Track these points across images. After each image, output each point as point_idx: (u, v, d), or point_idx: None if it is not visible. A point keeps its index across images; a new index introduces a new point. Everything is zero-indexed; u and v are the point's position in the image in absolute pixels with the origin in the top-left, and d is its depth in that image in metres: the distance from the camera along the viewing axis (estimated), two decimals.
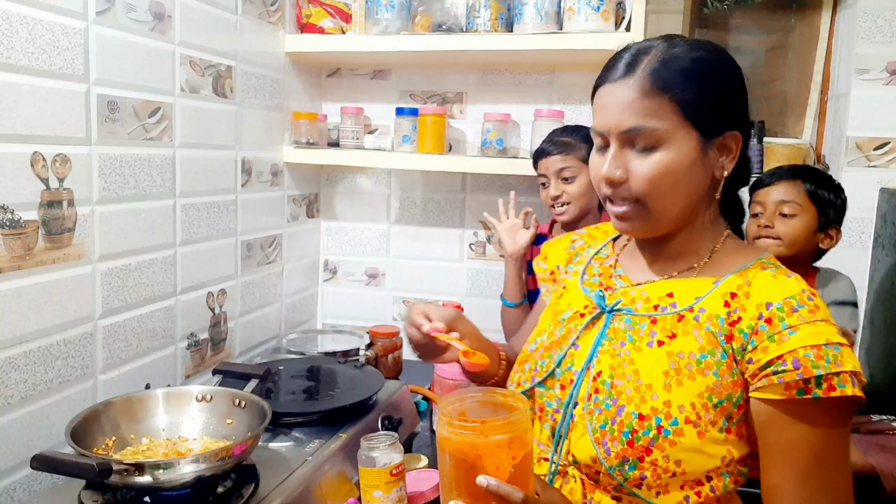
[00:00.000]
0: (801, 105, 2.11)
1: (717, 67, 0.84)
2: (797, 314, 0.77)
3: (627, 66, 0.83)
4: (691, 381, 0.80)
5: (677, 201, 0.84)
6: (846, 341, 0.77)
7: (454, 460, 0.76)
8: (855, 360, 0.76)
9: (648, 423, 0.80)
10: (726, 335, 0.81)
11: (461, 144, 2.08)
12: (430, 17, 1.83)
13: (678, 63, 0.82)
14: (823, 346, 0.75)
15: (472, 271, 2.13)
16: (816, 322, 0.77)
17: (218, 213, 1.61)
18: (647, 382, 0.82)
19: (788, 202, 1.52)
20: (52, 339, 1.15)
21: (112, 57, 1.24)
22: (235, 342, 1.72)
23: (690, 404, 0.80)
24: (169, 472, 0.93)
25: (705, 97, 0.82)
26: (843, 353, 0.75)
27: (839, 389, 0.74)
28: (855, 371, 0.75)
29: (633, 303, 0.90)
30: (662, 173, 0.82)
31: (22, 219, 1.07)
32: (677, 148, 0.81)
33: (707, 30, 2.15)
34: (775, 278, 0.82)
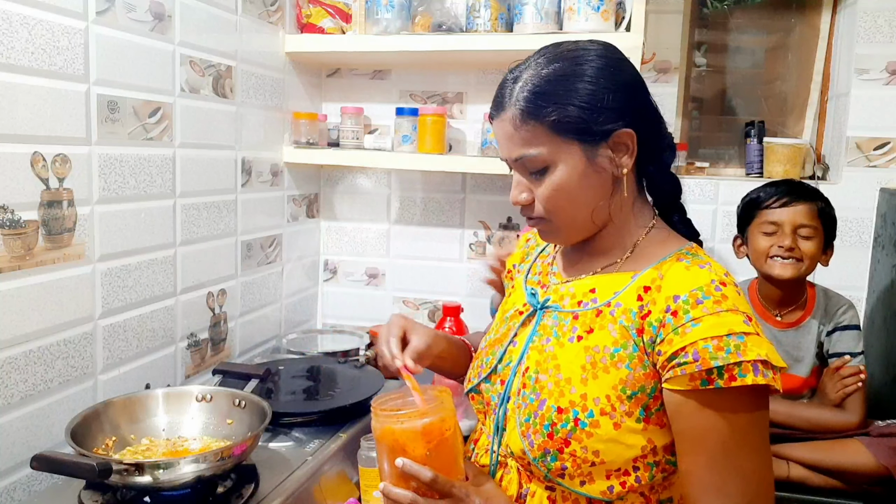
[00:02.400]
0: (801, 105, 2.11)
1: (577, 75, 0.83)
2: (701, 306, 0.78)
3: (500, 100, 0.88)
4: (606, 375, 0.83)
5: (579, 212, 0.87)
6: (751, 329, 0.76)
7: (380, 447, 0.86)
8: (762, 348, 0.75)
9: (566, 415, 0.83)
10: (637, 329, 0.82)
11: (461, 144, 2.08)
12: (430, 17, 1.83)
13: (538, 86, 0.84)
14: (725, 337, 0.75)
15: (472, 271, 2.13)
16: (720, 313, 0.77)
17: (218, 213, 1.61)
18: (566, 376, 0.85)
19: (807, 225, 1.53)
20: (52, 339, 1.15)
21: (112, 57, 1.24)
22: (235, 342, 1.72)
23: (605, 396, 0.82)
24: (169, 472, 0.93)
25: (572, 110, 0.82)
26: (747, 342, 0.75)
27: (740, 379, 0.75)
28: (760, 360, 0.75)
29: (562, 300, 0.92)
30: (556, 192, 0.85)
31: (22, 219, 1.07)
32: (563, 165, 0.84)
33: (707, 30, 2.15)
34: (688, 270, 0.82)
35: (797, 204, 1.54)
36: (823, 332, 1.58)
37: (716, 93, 2.18)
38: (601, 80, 0.83)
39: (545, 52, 0.87)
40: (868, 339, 1.82)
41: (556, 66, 0.84)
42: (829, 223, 1.55)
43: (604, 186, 0.86)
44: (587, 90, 0.82)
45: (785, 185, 1.59)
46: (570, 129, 0.83)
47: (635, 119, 0.85)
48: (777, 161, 1.99)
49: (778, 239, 1.54)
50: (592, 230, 0.90)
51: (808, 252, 1.52)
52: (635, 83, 0.87)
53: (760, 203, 1.58)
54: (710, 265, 0.82)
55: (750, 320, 0.77)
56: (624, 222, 0.90)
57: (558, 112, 0.82)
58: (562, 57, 0.85)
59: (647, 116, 0.87)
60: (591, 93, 0.82)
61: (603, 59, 0.85)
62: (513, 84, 0.86)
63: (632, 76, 0.87)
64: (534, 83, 0.84)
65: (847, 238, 1.86)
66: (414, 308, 2.19)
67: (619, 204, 0.89)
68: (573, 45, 0.87)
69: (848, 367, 1.52)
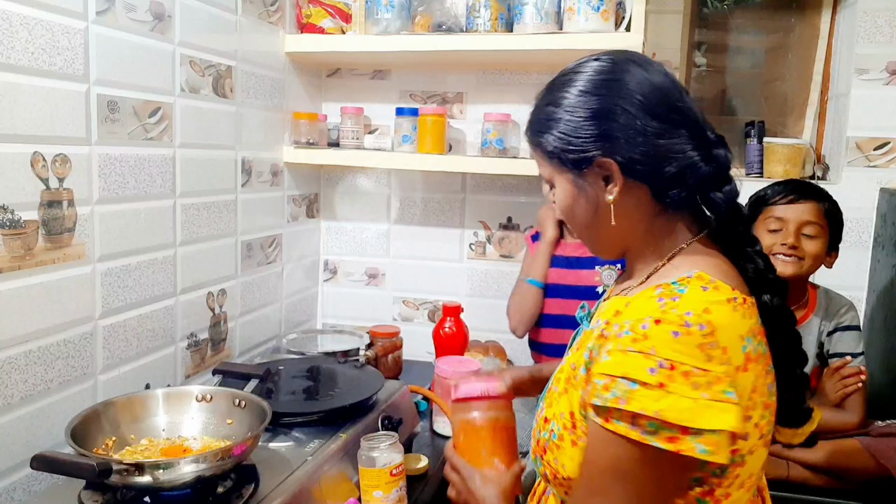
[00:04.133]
0: (801, 105, 2.11)
1: (556, 104, 0.85)
2: (619, 339, 0.73)
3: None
4: (574, 392, 0.82)
5: (583, 230, 0.90)
6: (654, 381, 0.69)
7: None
8: (655, 404, 0.68)
9: (547, 426, 0.86)
10: (591, 350, 0.81)
11: (461, 144, 2.08)
12: (430, 17, 1.83)
13: (532, 115, 0.90)
14: (618, 379, 0.71)
15: (472, 271, 2.13)
16: (629, 352, 0.71)
17: (218, 213, 1.61)
18: (559, 389, 0.87)
19: (812, 223, 1.52)
20: (52, 339, 1.15)
21: (112, 57, 1.24)
22: (235, 342, 1.72)
23: (569, 413, 0.82)
24: (169, 472, 0.93)
25: (552, 139, 0.85)
26: (637, 392, 0.69)
27: (614, 425, 0.71)
28: (644, 415, 0.69)
29: (594, 318, 0.93)
30: (560, 209, 0.90)
31: (22, 219, 1.07)
32: (560, 187, 0.88)
33: (707, 30, 2.15)
34: (648, 300, 0.76)
35: (803, 202, 1.53)
36: (824, 333, 1.58)
37: (716, 93, 2.18)
38: (577, 108, 0.83)
39: (548, 85, 0.91)
40: (868, 339, 1.82)
41: (545, 94, 0.89)
42: (836, 225, 1.54)
43: (595, 211, 0.85)
44: (563, 118, 0.84)
45: (793, 184, 1.59)
46: (556, 157, 0.86)
47: (619, 147, 0.81)
48: (777, 161, 1.99)
49: (782, 236, 1.53)
50: (611, 250, 0.91)
51: (810, 251, 1.52)
52: (622, 108, 0.81)
53: (767, 200, 1.58)
54: (676, 299, 0.74)
55: (672, 368, 0.69)
56: (640, 248, 0.88)
57: (544, 140, 0.86)
58: (552, 84, 0.89)
59: (637, 142, 0.81)
60: (565, 122, 0.84)
61: (588, 81, 0.84)
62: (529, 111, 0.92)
63: (620, 101, 0.81)
64: (531, 113, 0.90)
65: (847, 238, 1.85)
66: (414, 308, 2.19)
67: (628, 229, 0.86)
68: (569, 69, 0.88)
69: (848, 367, 1.52)
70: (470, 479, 0.97)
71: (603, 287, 1.67)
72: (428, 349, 1.91)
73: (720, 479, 0.76)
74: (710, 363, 0.70)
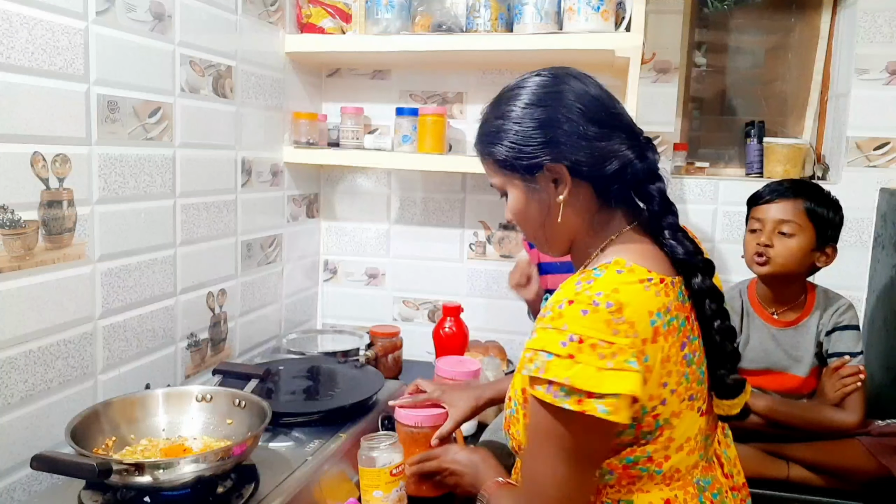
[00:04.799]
0: (801, 105, 2.11)
1: (504, 116, 0.93)
2: (542, 319, 0.84)
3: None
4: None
5: (535, 231, 0.98)
6: (564, 352, 0.79)
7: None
8: (568, 372, 0.79)
9: (510, 403, 0.97)
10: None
11: (461, 144, 2.08)
12: (430, 17, 1.83)
13: (481, 128, 0.98)
14: (538, 352, 0.81)
15: (472, 271, 2.13)
16: (547, 329, 0.82)
17: (218, 213, 1.61)
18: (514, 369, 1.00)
19: (788, 221, 1.52)
20: (52, 339, 1.15)
21: (112, 57, 1.24)
22: (235, 342, 1.72)
23: (522, 390, 0.92)
24: (169, 472, 0.93)
25: (502, 149, 0.93)
26: (552, 362, 0.80)
27: (536, 391, 0.82)
28: (557, 382, 0.79)
29: None
30: (512, 214, 0.99)
31: (22, 219, 1.07)
32: (511, 193, 0.97)
33: (707, 30, 2.15)
34: (567, 285, 0.86)
35: (780, 201, 1.53)
36: (822, 332, 1.58)
37: (716, 93, 2.18)
38: (524, 119, 0.92)
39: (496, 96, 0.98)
40: (868, 339, 1.82)
41: (492, 109, 0.97)
42: (821, 223, 1.52)
43: (547, 212, 0.95)
44: (512, 129, 0.92)
45: (775, 184, 1.59)
46: (507, 165, 0.94)
47: (566, 151, 0.90)
48: (777, 161, 1.99)
49: (758, 236, 1.54)
50: (559, 247, 0.99)
51: (782, 251, 1.51)
52: (565, 116, 0.90)
53: (752, 201, 1.59)
54: (591, 282, 0.84)
55: (581, 342, 0.79)
56: (584, 240, 0.97)
57: (494, 151, 0.95)
58: (498, 99, 0.96)
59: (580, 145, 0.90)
60: (514, 132, 0.92)
61: (532, 95, 0.92)
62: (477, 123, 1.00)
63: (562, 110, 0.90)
64: (480, 126, 0.98)
65: (847, 238, 1.86)
66: (414, 308, 2.19)
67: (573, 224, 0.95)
68: (513, 85, 0.96)
69: (847, 366, 1.52)
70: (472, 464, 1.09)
71: None
72: (428, 349, 1.91)
73: (652, 444, 0.87)
74: (615, 336, 0.80)
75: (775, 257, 1.52)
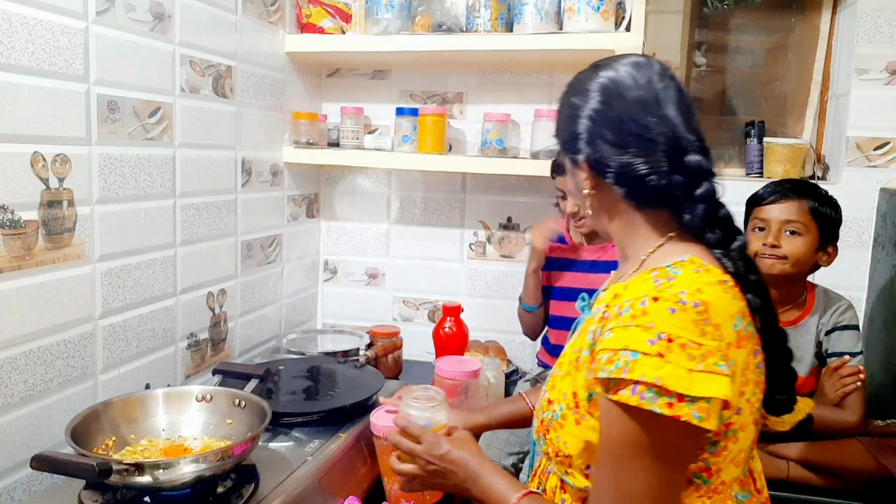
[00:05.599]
0: (801, 105, 2.11)
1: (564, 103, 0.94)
2: (619, 318, 0.78)
3: None
4: (577, 374, 0.87)
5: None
6: (653, 350, 0.73)
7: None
8: (658, 371, 0.73)
9: (551, 406, 0.91)
10: (593, 333, 0.85)
11: (461, 144, 2.08)
12: (430, 17, 1.83)
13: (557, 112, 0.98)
14: (619, 351, 0.75)
15: (472, 271, 2.13)
16: (629, 327, 0.76)
17: (218, 213, 1.61)
18: (561, 372, 0.92)
19: (794, 221, 1.52)
20: (52, 339, 1.15)
21: (112, 57, 1.24)
22: (235, 342, 1.72)
23: (573, 394, 0.87)
24: (169, 472, 0.93)
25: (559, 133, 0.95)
26: (638, 361, 0.74)
27: (618, 395, 0.76)
28: (646, 382, 0.73)
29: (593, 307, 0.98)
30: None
31: (22, 219, 1.07)
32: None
33: (707, 30, 2.15)
34: (643, 282, 0.81)
35: (784, 201, 1.53)
36: (822, 332, 1.58)
37: (716, 93, 2.18)
38: (564, 109, 0.93)
39: None
40: (868, 339, 1.82)
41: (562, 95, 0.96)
42: (825, 222, 1.52)
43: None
44: (565, 115, 0.93)
45: (778, 184, 1.59)
46: (563, 147, 0.95)
47: (584, 149, 0.89)
48: (777, 161, 1.99)
49: (764, 237, 1.54)
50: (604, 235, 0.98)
51: (792, 250, 1.51)
52: (587, 114, 0.89)
53: (755, 201, 1.59)
54: (671, 279, 0.79)
55: (670, 341, 0.73)
56: (625, 238, 0.94)
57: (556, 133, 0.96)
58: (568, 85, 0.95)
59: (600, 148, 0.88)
60: (559, 121, 0.94)
61: (568, 86, 0.93)
62: None
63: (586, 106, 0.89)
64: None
65: (847, 238, 1.86)
66: (414, 308, 2.19)
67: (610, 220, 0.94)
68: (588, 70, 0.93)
69: (847, 366, 1.52)
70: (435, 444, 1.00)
71: None
72: (428, 349, 1.91)
73: (713, 456, 0.81)
74: (703, 338, 0.75)
75: (790, 257, 1.52)
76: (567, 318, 1.73)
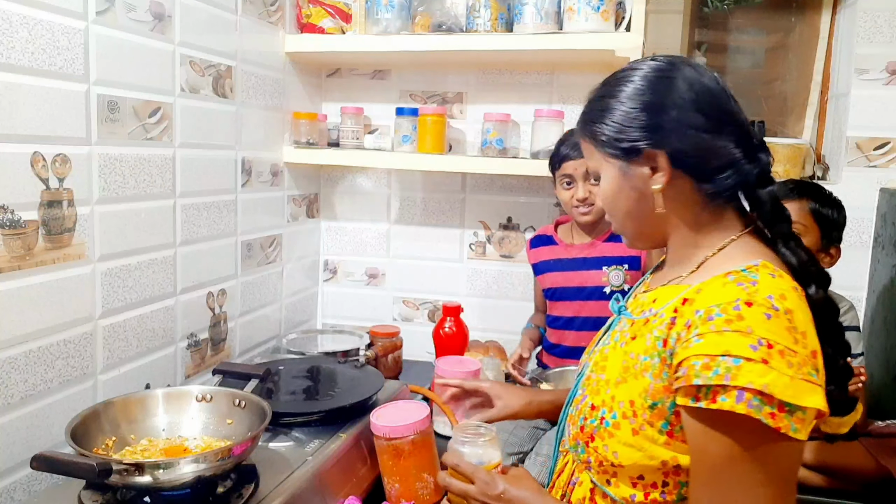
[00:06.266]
0: (801, 105, 2.11)
1: (611, 96, 0.89)
2: (711, 322, 0.75)
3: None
4: (635, 381, 0.84)
5: (624, 220, 0.93)
6: (757, 356, 0.70)
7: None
8: (764, 378, 0.70)
9: (596, 413, 0.87)
10: (663, 339, 0.82)
11: (461, 144, 2.08)
12: (430, 17, 1.83)
13: (586, 108, 0.93)
14: (718, 357, 0.72)
15: (472, 271, 2.13)
16: (725, 332, 0.73)
17: (218, 213, 1.61)
18: (606, 377, 0.89)
19: (794, 222, 1.51)
20: (52, 339, 1.15)
21: (112, 57, 1.24)
22: (235, 342, 1.72)
23: (629, 402, 0.83)
24: (169, 472, 0.93)
25: (603, 128, 0.89)
26: (742, 366, 0.70)
27: (720, 403, 0.71)
28: (753, 389, 0.69)
29: (636, 308, 0.95)
30: (603, 199, 0.94)
31: (22, 219, 1.07)
32: (605, 176, 0.92)
33: (707, 30, 2.15)
34: (724, 286, 0.78)
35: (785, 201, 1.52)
36: None
37: None
38: (631, 100, 0.87)
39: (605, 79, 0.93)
40: (868, 339, 1.82)
41: (600, 88, 0.92)
42: (826, 224, 1.51)
43: (639, 200, 0.89)
44: (617, 110, 0.87)
45: (782, 184, 1.58)
46: (606, 146, 0.89)
47: (669, 139, 0.85)
48: (777, 161, 1.99)
49: None
50: (651, 240, 0.94)
51: None
52: (674, 103, 0.85)
53: None
54: (755, 284, 0.77)
55: (770, 347, 0.71)
56: (687, 238, 0.90)
57: (596, 131, 0.90)
58: (609, 80, 0.91)
59: (687, 136, 0.85)
60: (620, 112, 0.87)
61: (643, 79, 0.87)
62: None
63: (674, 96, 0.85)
64: (585, 106, 0.94)
65: (847, 238, 1.84)
66: (414, 308, 2.19)
67: (673, 219, 0.89)
68: (626, 67, 0.91)
69: None
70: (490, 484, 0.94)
71: (610, 287, 1.67)
72: (428, 349, 1.91)
73: None
74: (796, 345, 0.73)
75: None
76: (564, 317, 1.73)
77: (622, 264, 1.67)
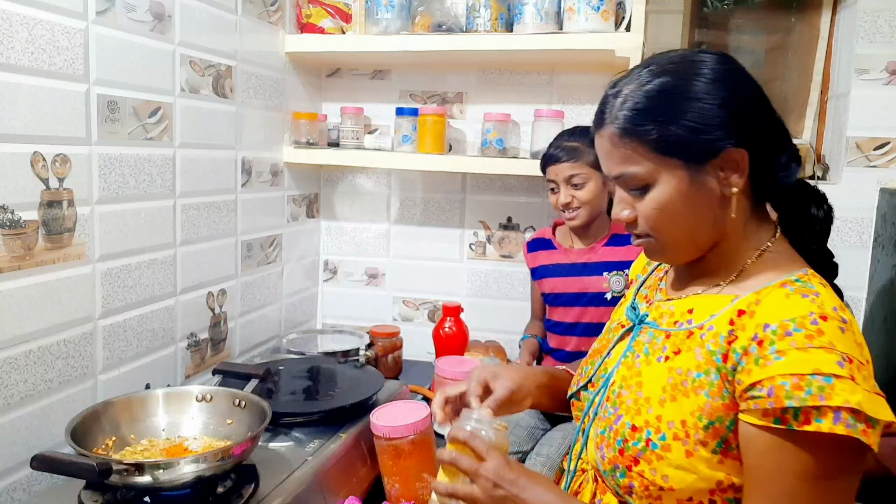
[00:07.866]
0: (801, 105, 2.11)
1: (681, 91, 0.79)
2: (790, 338, 0.71)
3: (600, 116, 0.84)
4: (685, 399, 0.79)
5: (682, 232, 0.83)
6: (845, 373, 0.68)
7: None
8: (854, 395, 0.67)
9: (639, 434, 0.81)
10: (723, 354, 0.77)
11: (461, 144, 2.08)
12: (430, 17, 1.83)
13: (639, 103, 0.80)
14: (808, 376, 0.68)
15: (471, 271, 2.13)
16: (809, 349, 0.69)
17: (218, 213, 1.61)
18: (646, 395, 0.83)
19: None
20: (52, 339, 1.15)
21: (112, 57, 1.24)
22: (235, 342, 1.72)
23: (681, 421, 0.78)
24: (169, 472, 0.93)
25: (675, 129, 0.78)
26: (834, 385, 0.67)
27: (815, 424, 0.68)
28: (848, 408, 0.67)
29: (661, 317, 0.89)
30: (658, 211, 0.82)
31: (22, 219, 1.07)
32: (665, 184, 0.80)
33: (707, 30, 2.15)
34: (788, 298, 0.75)
35: None
36: None
37: None
38: (709, 95, 0.78)
39: (651, 63, 0.82)
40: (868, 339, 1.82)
41: (661, 80, 0.80)
42: None
43: (709, 206, 0.81)
44: (693, 107, 0.78)
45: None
46: (674, 148, 0.79)
47: (747, 136, 0.79)
48: None
49: None
50: (700, 250, 0.85)
51: None
52: (749, 97, 0.80)
53: None
54: (818, 295, 0.74)
55: (850, 362, 0.69)
56: (734, 244, 0.84)
57: (660, 130, 0.78)
58: (668, 70, 0.80)
59: (762, 131, 0.80)
60: (697, 110, 0.78)
61: (714, 72, 0.79)
62: (613, 99, 0.82)
63: (746, 90, 0.81)
64: (634, 99, 0.80)
65: (847, 238, 1.86)
66: (414, 308, 2.19)
67: (728, 224, 0.83)
68: (680, 57, 0.82)
69: None
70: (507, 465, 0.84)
71: (611, 293, 1.66)
72: (428, 349, 1.91)
73: None
74: (863, 357, 0.72)
75: None
76: (565, 323, 1.72)
77: (623, 269, 1.66)
